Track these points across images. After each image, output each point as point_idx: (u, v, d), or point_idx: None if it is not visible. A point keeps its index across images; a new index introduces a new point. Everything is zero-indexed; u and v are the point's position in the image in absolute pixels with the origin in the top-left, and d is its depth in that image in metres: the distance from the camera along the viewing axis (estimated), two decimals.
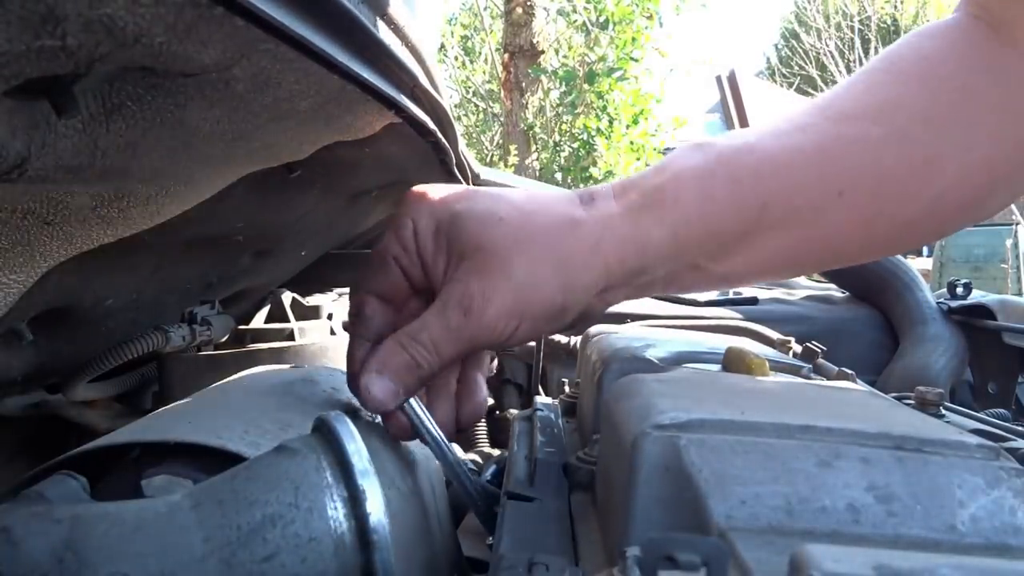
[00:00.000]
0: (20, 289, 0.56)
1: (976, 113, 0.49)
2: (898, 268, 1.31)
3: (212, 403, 0.47)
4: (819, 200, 0.48)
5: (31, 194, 0.46)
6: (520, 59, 7.35)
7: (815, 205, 0.48)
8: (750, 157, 0.47)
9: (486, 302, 0.42)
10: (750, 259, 0.49)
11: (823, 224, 0.49)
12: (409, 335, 0.44)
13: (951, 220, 0.53)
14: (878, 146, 0.48)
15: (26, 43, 0.31)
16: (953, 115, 0.49)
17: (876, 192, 0.48)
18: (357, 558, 0.34)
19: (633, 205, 0.46)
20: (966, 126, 0.49)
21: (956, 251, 8.00)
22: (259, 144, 0.56)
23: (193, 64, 0.39)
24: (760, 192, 0.46)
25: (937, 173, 0.49)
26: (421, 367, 0.44)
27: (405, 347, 0.44)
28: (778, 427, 0.34)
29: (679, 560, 0.23)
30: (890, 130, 0.48)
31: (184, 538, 0.32)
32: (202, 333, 0.95)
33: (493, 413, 1.16)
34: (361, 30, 0.47)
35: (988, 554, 0.29)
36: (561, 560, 0.34)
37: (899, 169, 0.48)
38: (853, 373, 0.70)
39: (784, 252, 0.50)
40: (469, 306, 0.43)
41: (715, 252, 0.48)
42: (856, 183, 0.48)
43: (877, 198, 0.48)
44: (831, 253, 0.53)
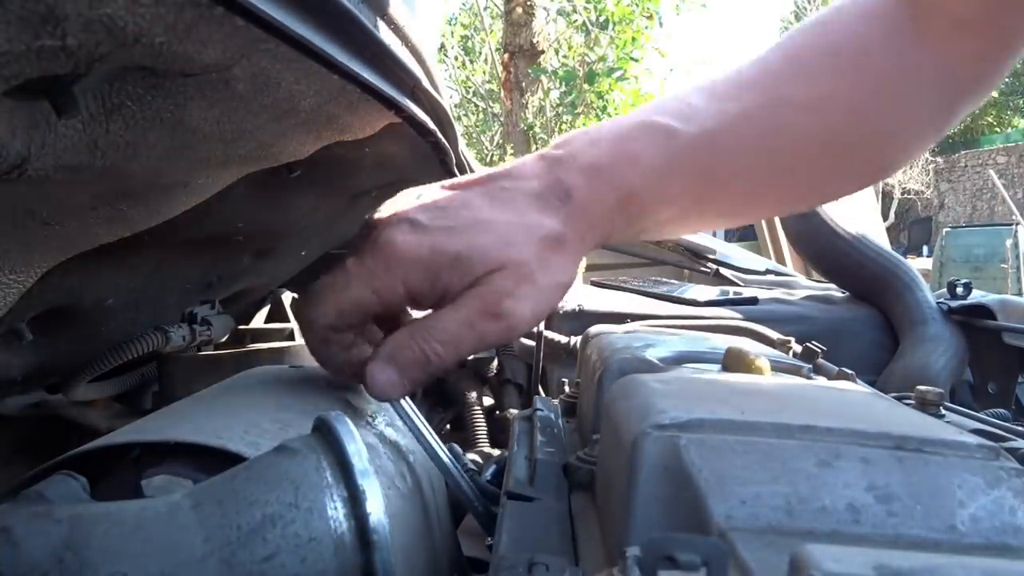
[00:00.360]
0: (20, 289, 0.56)
1: (897, 107, 0.57)
2: (898, 268, 1.31)
3: (212, 403, 0.47)
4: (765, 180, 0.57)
5: (31, 194, 0.46)
6: (520, 59, 7.35)
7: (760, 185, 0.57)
8: (709, 153, 0.53)
9: (511, 307, 0.45)
10: (695, 225, 0.60)
11: (767, 197, 0.60)
12: (425, 331, 0.45)
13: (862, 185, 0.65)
14: (811, 137, 0.56)
15: (26, 43, 0.31)
16: (877, 108, 0.56)
17: (810, 171, 0.58)
18: (357, 558, 0.34)
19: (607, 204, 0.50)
20: (887, 118, 0.57)
21: (956, 251, 8.00)
22: (259, 144, 0.56)
23: (193, 64, 0.39)
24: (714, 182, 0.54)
25: (854, 158, 0.59)
26: (431, 363, 0.45)
27: (419, 342, 0.45)
28: (778, 427, 0.34)
29: (679, 560, 0.23)
30: (826, 123, 0.55)
31: (184, 538, 0.32)
32: (202, 333, 0.95)
33: (493, 413, 1.16)
34: (361, 30, 0.47)
35: (988, 554, 0.29)
36: (561, 560, 0.34)
37: (824, 159, 0.57)
38: (853, 373, 0.70)
39: (723, 218, 0.63)
40: (498, 313, 0.45)
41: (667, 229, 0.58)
42: (794, 166, 0.57)
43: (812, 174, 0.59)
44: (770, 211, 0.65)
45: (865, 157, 0.59)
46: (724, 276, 1.90)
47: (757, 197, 0.59)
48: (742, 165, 0.54)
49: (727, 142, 0.53)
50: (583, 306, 1.22)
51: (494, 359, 1.18)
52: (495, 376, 1.19)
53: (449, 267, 0.45)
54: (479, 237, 0.46)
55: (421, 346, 0.45)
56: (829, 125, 0.55)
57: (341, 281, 0.46)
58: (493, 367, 1.18)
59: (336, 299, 0.46)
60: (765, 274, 1.91)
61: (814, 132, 0.55)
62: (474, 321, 0.45)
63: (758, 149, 0.54)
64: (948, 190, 15.90)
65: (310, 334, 0.47)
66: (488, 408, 1.15)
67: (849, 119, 0.56)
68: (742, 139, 0.53)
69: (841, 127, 0.56)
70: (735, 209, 0.61)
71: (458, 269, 0.45)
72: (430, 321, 0.45)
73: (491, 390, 1.20)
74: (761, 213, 0.72)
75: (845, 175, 0.61)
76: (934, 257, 8.41)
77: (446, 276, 0.45)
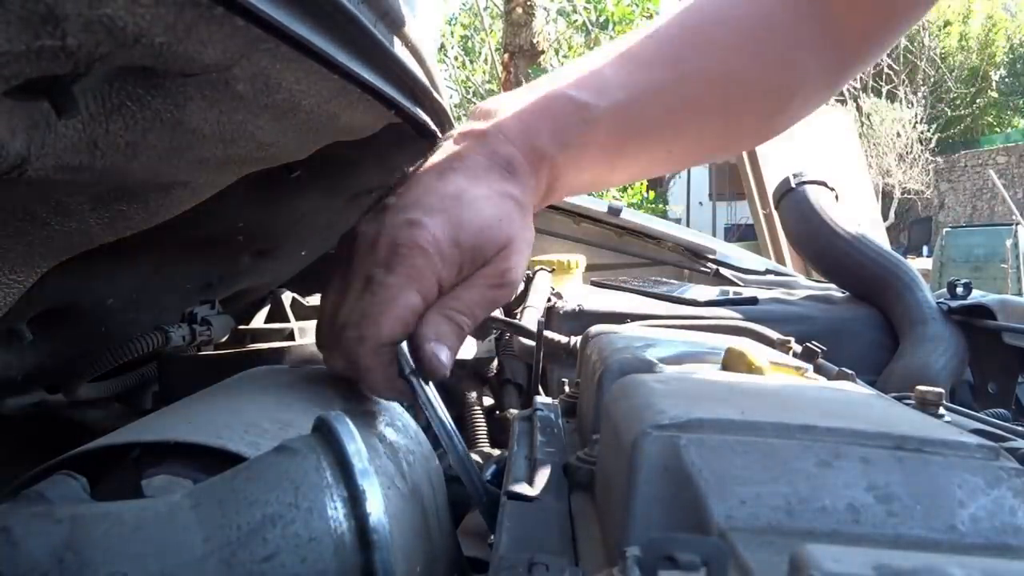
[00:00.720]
0: (20, 289, 0.56)
1: (791, 78, 0.64)
2: (898, 268, 1.31)
3: (212, 403, 0.47)
4: (670, 145, 0.64)
5: (31, 194, 0.46)
6: (520, 59, 7.35)
7: (666, 149, 0.64)
8: (621, 127, 0.58)
9: (515, 275, 0.52)
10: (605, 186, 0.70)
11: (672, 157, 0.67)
12: (451, 307, 0.49)
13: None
14: (713, 108, 0.62)
15: (26, 43, 0.31)
16: (774, 81, 0.63)
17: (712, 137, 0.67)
18: (357, 558, 0.34)
19: (536, 171, 0.56)
20: (782, 88, 0.64)
21: (956, 251, 8.00)
22: (259, 144, 0.56)
23: (193, 64, 0.39)
24: (624, 152, 0.61)
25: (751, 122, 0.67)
26: (463, 331, 0.50)
27: (451, 317, 0.49)
28: (778, 427, 0.34)
29: (679, 560, 0.23)
30: (727, 95, 0.62)
31: (184, 538, 0.32)
32: (202, 333, 0.95)
33: (493, 413, 1.16)
34: (361, 30, 0.47)
35: (988, 554, 0.29)
36: (561, 560, 0.34)
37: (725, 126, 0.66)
38: (853, 373, 0.70)
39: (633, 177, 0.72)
40: (504, 283, 0.52)
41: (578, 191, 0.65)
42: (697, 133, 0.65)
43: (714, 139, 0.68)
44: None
45: (760, 121, 0.68)
46: (724, 276, 1.90)
47: (663, 158, 0.66)
48: (651, 136, 0.61)
49: (637, 115, 0.59)
50: (583, 306, 1.22)
51: (494, 359, 1.18)
52: (495, 376, 1.18)
53: (470, 255, 0.50)
54: (479, 217, 0.50)
55: (456, 320, 0.49)
56: (729, 96, 0.62)
57: (388, 296, 0.47)
58: (493, 367, 1.18)
59: (393, 314, 0.47)
60: (765, 274, 1.91)
61: (716, 104, 0.62)
62: (488, 293, 0.51)
63: (665, 120, 0.61)
64: (948, 190, 15.90)
65: (373, 358, 0.48)
66: (488, 408, 1.15)
67: (748, 91, 0.63)
68: (651, 112, 0.59)
69: (740, 99, 0.63)
70: (643, 170, 0.69)
71: (476, 255, 0.50)
72: (453, 300, 0.50)
73: (491, 390, 1.20)
74: (668, 169, 0.78)
75: (743, 135, 0.72)
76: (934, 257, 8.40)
77: (468, 263, 0.50)
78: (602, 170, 0.62)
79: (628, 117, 0.58)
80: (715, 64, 0.61)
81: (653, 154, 0.64)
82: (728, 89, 0.62)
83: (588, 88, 0.57)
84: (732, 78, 0.61)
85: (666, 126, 0.61)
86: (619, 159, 0.61)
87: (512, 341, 1.18)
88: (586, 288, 1.53)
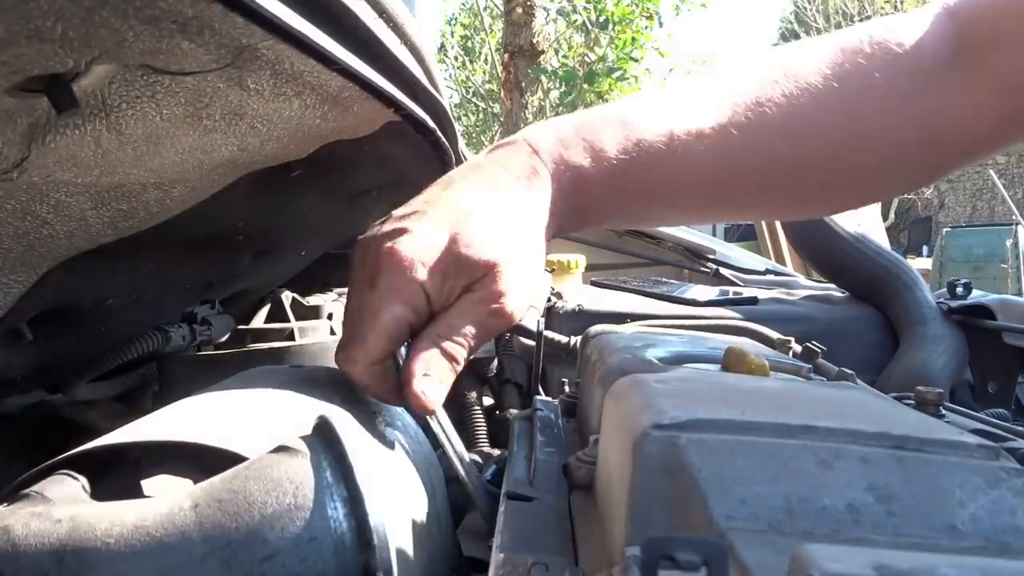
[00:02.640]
0: (20, 289, 0.56)
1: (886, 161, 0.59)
2: (898, 268, 1.31)
3: (212, 403, 0.47)
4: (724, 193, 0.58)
5: (31, 194, 0.46)
6: (520, 59, 7.35)
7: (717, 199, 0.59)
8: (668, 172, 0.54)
9: (511, 303, 0.47)
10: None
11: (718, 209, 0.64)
12: (442, 336, 0.46)
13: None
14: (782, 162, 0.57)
15: (26, 41, 0.31)
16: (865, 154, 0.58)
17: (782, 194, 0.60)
18: (357, 558, 0.34)
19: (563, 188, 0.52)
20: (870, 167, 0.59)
21: (956, 251, 8.00)
22: (259, 143, 0.56)
23: (193, 63, 0.39)
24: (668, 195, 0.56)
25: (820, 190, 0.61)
26: (456, 361, 0.47)
27: (442, 347, 0.46)
28: (778, 427, 0.34)
29: (679, 560, 0.23)
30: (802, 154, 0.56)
31: (184, 538, 0.32)
32: (202, 333, 0.95)
33: (493, 413, 1.16)
34: (361, 28, 0.47)
35: (988, 554, 0.29)
36: (561, 560, 0.34)
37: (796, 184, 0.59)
38: (853, 373, 0.70)
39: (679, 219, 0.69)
40: (500, 310, 0.47)
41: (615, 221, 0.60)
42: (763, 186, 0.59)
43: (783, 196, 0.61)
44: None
45: (831, 193, 0.62)
46: (724, 276, 1.90)
47: (713, 209, 0.62)
48: (706, 190, 0.56)
49: (694, 163, 0.54)
50: (583, 306, 1.22)
51: (494, 359, 1.18)
52: (495, 376, 1.18)
53: (454, 269, 0.46)
54: (468, 231, 0.47)
55: (447, 350, 0.46)
56: (801, 157, 0.56)
57: (370, 311, 0.46)
58: (493, 367, 1.18)
59: (378, 329, 0.46)
60: (765, 274, 1.91)
61: (783, 186, 0.57)
62: (482, 320, 0.47)
63: (729, 183, 0.56)
64: (948, 190, 15.90)
65: (367, 376, 0.47)
66: (488, 408, 1.15)
67: (830, 156, 0.56)
68: (712, 170, 0.55)
69: (819, 161, 0.57)
70: (695, 214, 0.65)
71: (460, 270, 0.46)
72: (444, 328, 0.47)
73: (491, 390, 1.20)
74: (720, 218, 0.72)
75: (805, 203, 0.64)
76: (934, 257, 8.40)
77: (451, 278, 0.46)
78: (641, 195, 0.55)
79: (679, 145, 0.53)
80: (797, 121, 0.55)
81: (704, 202, 0.58)
82: (805, 151, 0.56)
83: (642, 110, 0.54)
84: (812, 140, 0.56)
85: (725, 168, 0.55)
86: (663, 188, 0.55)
87: (512, 341, 1.18)
88: (586, 288, 1.53)
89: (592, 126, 0.53)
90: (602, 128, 0.53)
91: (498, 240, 0.47)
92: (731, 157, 0.55)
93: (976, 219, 14.43)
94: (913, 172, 0.61)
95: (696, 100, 0.55)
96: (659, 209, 0.59)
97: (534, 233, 0.50)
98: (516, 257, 0.48)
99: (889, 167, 0.60)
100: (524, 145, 0.52)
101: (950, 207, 15.79)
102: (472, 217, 0.47)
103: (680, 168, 0.54)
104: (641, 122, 0.53)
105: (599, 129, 0.53)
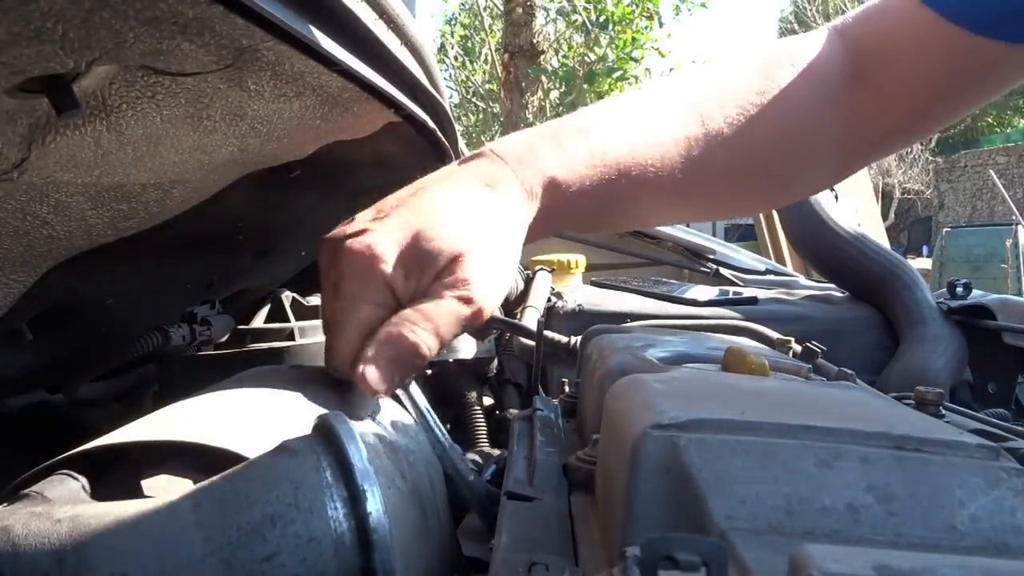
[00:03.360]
0: (20, 289, 0.56)
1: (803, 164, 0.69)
2: (898, 268, 1.31)
3: (212, 403, 0.47)
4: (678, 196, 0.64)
5: (31, 194, 0.46)
6: (520, 59, 7.35)
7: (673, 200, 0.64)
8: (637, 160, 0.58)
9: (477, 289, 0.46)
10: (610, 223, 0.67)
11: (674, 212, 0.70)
12: (408, 321, 0.45)
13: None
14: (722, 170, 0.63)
15: (26, 42, 0.31)
16: (786, 160, 0.67)
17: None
18: (357, 558, 0.34)
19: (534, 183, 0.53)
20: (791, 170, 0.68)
21: (956, 251, 8.00)
22: (260, 143, 0.56)
23: (193, 64, 0.39)
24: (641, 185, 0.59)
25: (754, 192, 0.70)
26: (418, 354, 0.45)
27: (402, 335, 0.45)
28: (778, 427, 0.34)
29: (679, 560, 0.23)
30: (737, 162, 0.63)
31: (184, 538, 0.32)
32: (202, 333, 0.95)
33: (493, 413, 1.16)
34: (361, 29, 0.47)
35: (988, 554, 0.29)
36: (561, 560, 0.34)
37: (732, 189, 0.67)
38: (853, 373, 0.70)
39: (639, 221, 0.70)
40: (469, 298, 0.46)
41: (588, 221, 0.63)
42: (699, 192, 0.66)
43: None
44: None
45: (767, 193, 0.71)
46: (724, 276, 1.90)
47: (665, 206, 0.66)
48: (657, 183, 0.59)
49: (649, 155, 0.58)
50: (583, 306, 1.22)
51: (494, 359, 1.18)
52: (495, 376, 1.19)
53: (418, 261, 0.46)
54: (433, 225, 0.47)
55: (406, 339, 0.45)
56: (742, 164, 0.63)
57: (337, 321, 0.46)
58: (493, 367, 1.18)
59: (344, 339, 0.46)
60: (765, 274, 1.91)
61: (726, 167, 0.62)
62: (451, 307, 0.46)
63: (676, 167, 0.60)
64: (948, 190, 15.89)
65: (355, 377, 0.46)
66: (488, 408, 1.15)
67: (762, 162, 0.65)
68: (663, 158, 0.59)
69: (753, 169, 0.65)
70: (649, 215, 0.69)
71: (425, 262, 0.46)
72: (406, 316, 0.46)
73: (491, 390, 1.20)
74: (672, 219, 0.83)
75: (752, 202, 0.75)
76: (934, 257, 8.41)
77: (416, 271, 0.46)
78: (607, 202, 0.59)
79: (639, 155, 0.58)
80: (734, 133, 0.61)
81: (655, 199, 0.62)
82: (740, 159, 0.63)
83: (600, 121, 0.58)
84: (745, 150, 0.62)
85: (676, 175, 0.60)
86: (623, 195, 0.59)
87: (512, 341, 1.18)
88: (586, 288, 1.53)
89: (557, 136, 0.56)
90: (568, 137, 0.56)
91: (463, 232, 0.47)
92: (683, 168, 0.60)
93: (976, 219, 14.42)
94: (827, 172, 0.72)
95: (652, 114, 0.61)
96: (621, 213, 0.63)
97: (502, 228, 0.51)
98: (482, 247, 0.47)
99: (808, 169, 0.69)
100: (490, 154, 0.53)
101: (950, 207, 15.78)
102: (438, 213, 0.48)
103: (639, 177, 0.58)
104: (604, 133, 0.57)
105: (564, 138, 0.56)
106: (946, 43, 0.62)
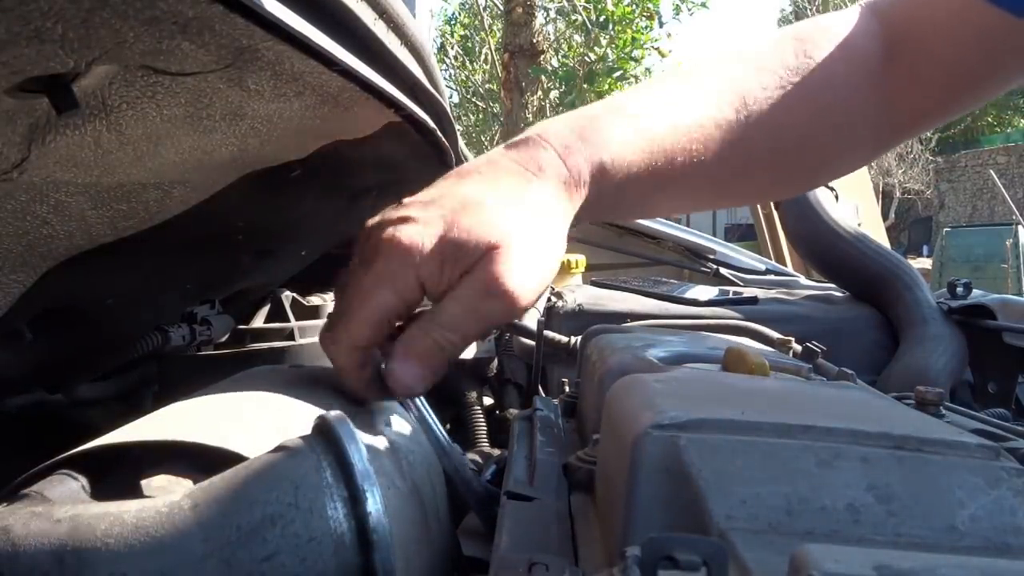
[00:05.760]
0: (20, 289, 0.56)
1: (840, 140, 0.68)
2: (899, 268, 1.31)
3: (212, 403, 0.47)
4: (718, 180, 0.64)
5: (31, 194, 0.46)
6: (520, 59, 7.34)
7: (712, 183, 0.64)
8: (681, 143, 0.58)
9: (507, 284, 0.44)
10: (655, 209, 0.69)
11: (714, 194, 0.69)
12: (433, 321, 0.45)
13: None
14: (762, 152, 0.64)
15: (26, 42, 0.31)
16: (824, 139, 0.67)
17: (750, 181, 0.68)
18: (357, 558, 0.34)
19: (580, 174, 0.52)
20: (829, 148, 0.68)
21: (956, 251, 8.01)
22: (260, 143, 0.56)
23: (193, 64, 0.39)
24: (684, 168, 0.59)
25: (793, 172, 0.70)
26: (444, 351, 0.45)
27: (430, 333, 0.45)
28: (778, 427, 0.34)
29: (679, 560, 0.23)
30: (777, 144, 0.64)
31: (184, 538, 0.32)
32: (202, 333, 0.95)
33: (493, 413, 1.16)
34: (361, 29, 0.47)
35: (988, 554, 0.29)
36: (561, 560, 0.34)
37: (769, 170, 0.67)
38: (853, 373, 0.70)
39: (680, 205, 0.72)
40: (498, 292, 0.44)
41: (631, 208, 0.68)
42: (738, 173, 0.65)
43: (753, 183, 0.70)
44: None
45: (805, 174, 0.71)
46: (724, 276, 1.90)
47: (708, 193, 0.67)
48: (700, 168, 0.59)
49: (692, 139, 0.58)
50: (583, 306, 1.22)
51: (494, 359, 1.18)
52: (495, 376, 1.19)
53: (452, 254, 0.45)
54: (469, 217, 0.45)
55: (433, 336, 0.44)
56: (781, 147, 0.64)
57: (360, 296, 0.45)
58: (493, 367, 1.18)
59: (364, 314, 0.45)
60: (765, 274, 1.91)
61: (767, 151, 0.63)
62: (477, 304, 0.45)
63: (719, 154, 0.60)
64: (948, 190, 15.89)
65: (345, 359, 0.46)
66: (488, 408, 1.15)
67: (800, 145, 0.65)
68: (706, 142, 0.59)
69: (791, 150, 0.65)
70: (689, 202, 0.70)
71: (458, 254, 0.45)
72: (436, 311, 0.45)
73: (491, 390, 1.20)
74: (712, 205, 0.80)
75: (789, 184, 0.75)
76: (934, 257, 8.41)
77: (450, 263, 0.45)
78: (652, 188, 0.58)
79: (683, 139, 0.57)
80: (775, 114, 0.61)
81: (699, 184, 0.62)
82: (781, 141, 0.63)
83: (645, 107, 0.57)
84: (787, 130, 0.62)
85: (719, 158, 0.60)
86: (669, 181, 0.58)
87: (512, 341, 1.17)
88: (586, 288, 1.53)
89: (606, 120, 0.55)
90: (616, 123, 0.55)
91: (500, 223, 0.46)
92: (726, 151, 0.59)
93: (976, 219, 14.42)
94: (863, 153, 0.72)
95: (693, 97, 0.60)
96: (666, 199, 0.64)
97: (543, 217, 0.49)
98: (520, 239, 0.46)
99: (847, 149, 0.69)
100: (537, 139, 0.52)
101: (950, 207, 15.78)
102: (475, 205, 0.46)
103: (683, 162, 0.58)
104: (651, 118, 0.57)
105: (613, 123, 0.55)
106: (981, 23, 0.61)
